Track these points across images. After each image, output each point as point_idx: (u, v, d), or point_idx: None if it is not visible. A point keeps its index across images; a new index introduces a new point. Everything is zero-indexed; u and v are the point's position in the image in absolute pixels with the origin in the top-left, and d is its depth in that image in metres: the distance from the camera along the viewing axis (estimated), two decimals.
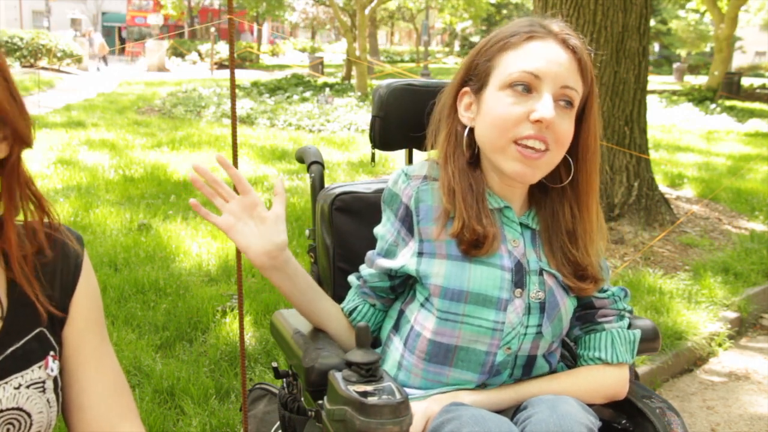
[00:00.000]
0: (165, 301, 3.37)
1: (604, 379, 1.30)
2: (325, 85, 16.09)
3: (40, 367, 0.95)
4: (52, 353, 0.98)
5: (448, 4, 29.94)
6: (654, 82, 18.84)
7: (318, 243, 1.64)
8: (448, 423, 1.14)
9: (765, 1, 29.37)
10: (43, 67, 19.28)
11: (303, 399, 1.43)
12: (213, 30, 26.84)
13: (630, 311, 1.37)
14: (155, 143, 8.11)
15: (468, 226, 1.23)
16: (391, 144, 1.59)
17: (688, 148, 9.63)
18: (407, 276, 1.33)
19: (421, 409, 1.21)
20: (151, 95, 14.32)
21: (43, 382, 0.95)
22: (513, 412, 1.24)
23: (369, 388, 1.03)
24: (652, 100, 13.73)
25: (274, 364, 1.57)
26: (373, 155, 1.68)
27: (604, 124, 4.64)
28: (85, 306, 1.03)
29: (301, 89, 15.03)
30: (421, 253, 1.28)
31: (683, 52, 35.67)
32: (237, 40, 29.61)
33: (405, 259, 1.30)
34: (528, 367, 1.30)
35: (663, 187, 6.08)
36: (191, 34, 36.92)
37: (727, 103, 16.31)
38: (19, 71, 17.11)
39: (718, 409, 2.91)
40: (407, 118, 1.52)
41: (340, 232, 1.56)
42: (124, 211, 4.94)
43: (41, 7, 34.35)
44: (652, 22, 25.00)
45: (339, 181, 2.51)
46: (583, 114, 1.28)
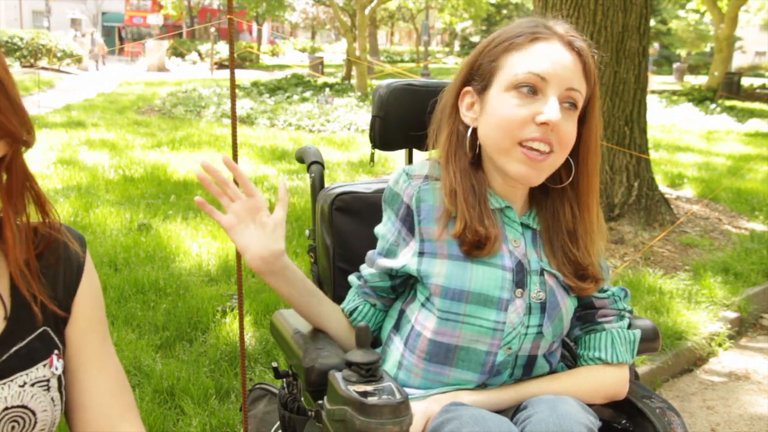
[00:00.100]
0: (165, 301, 3.37)
1: (604, 379, 1.30)
2: (325, 85, 16.10)
3: (44, 365, 0.96)
4: (57, 352, 0.98)
5: (448, 4, 29.94)
6: (654, 82, 18.82)
7: (318, 243, 1.64)
8: (448, 423, 1.14)
9: (765, 1, 29.36)
10: (43, 67, 19.27)
11: (303, 399, 1.43)
12: (213, 30, 26.85)
13: (630, 311, 1.37)
14: (155, 143, 8.11)
15: (470, 228, 1.24)
16: (391, 144, 1.59)
17: (688, 148, 9.63)
18: (408, 276, 1.33)
19: (421, 409, 1.21)
20: (151, 95, 14.32)
21: (48, 381, 0.96)
22: (513, 412, 1.24)
23: (369, 388, 1.03)
24: (652, 100, 13.73)
25: (274, 364, 1.57)
26: (372, 155, 1.68)
27: (604, 124, 4.63)
28: (87, 306, 1.03)
29: (301, 89, 15.03)
30: (422, 253, 1.28)
31: (683, 52, 35.68)
32: (236, 40, 29.60)
33: (406, 259, 1.30)
34: (528, 367, 1.30)
35: (663, 187, 6.08)
36: (190, 34, 36.92)
37: (727, 103, 16.32)
38: (19, 71, 17.10)
39: (718, 409, 2.91)
40: (407, 118, 1.53)
41: (340, 232, 1.56)
42: (124, 211, 4.94)
43: (41, 7, 34.33)
44: (652, 22, 24.99)
45: (339, 181, 2.51)
46: (585, 115, 1.28)
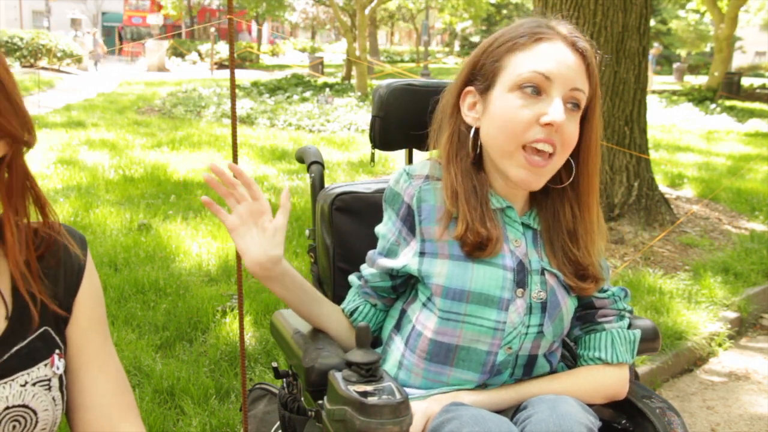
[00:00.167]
0: (165, 301, 3.37)
1: (604, 379, 1.30)
2: (325, 85, 16.09)
3: (46, 365, 0.96)
4: (58, 351, 0.98)
5: (448, 4, 29.94)
6: (654, 82, 18.81)
7: (318, 243, 1.64)
8: (448, 423, 1.14)
9: (765, 1, 29.36)
10: (43, 67, 19.27)
11: (303, 399, 1.43)
12: (213, 30, 26.84)
13: (630, 311, 1.37)
14: (155, 143, 8.11)
15: (472, 229, 1.23)
16: (391, 144, 1.59)
17: (688, 148, 9.63)
18: (409, 276, 1.33)
19: (421, 409, 1.21)
20: (151, 95, 14.32)
21: (49, 380, 0.96)
22: (513, 412, 1.24)
23: (369, 388, 1.03)
24: (652, 100, 13.73)
25: (274, 364, 1.57)
26: (372, 155, 1.68)
27: (604, 124, 4.63)
28: (88, 305, 1.03)
29: (301, 89, 15.03)
30: (423, 253, 1.28)
31: (683, 52, 35.67)
32: (236, 40, 29.59)
33: (407, 259, 1.30)
34: (529, 366, 1.30)
35: (663, 187, 6.08)
36: (190, 34, 36.91)
37: (727, 103, 16.31)
38: (19, 71, 17.10)
39: (718, 409, 2.91)
40: (407, 118, 1.53)
41: (340, 232, 1.57)
42: (124, 211, 4.94)
43: (41, 7, 34.35)
44: (652, 22, 24.98)
45: (339, 181, 2.51)
46: (586, 115, 1.28)
